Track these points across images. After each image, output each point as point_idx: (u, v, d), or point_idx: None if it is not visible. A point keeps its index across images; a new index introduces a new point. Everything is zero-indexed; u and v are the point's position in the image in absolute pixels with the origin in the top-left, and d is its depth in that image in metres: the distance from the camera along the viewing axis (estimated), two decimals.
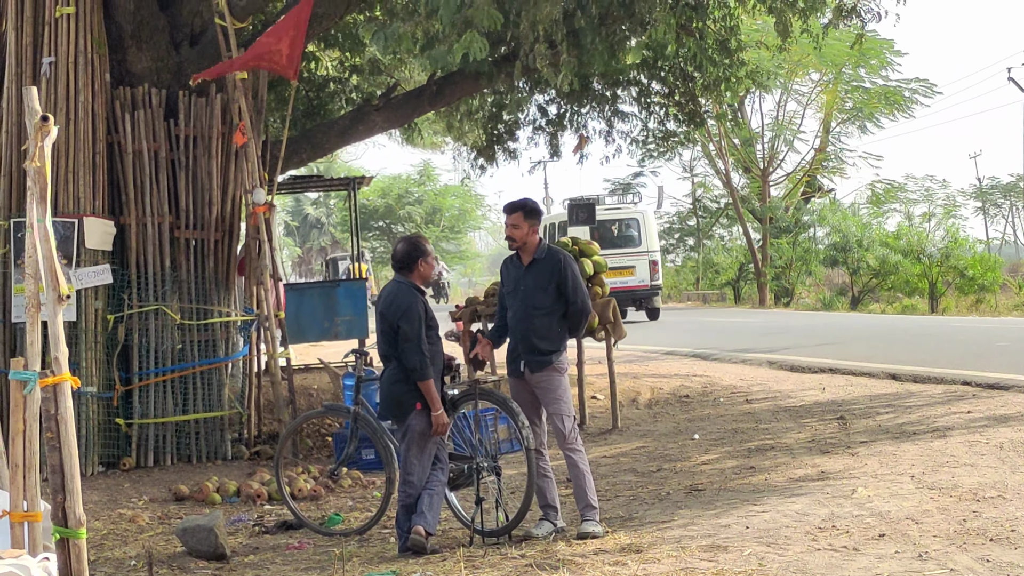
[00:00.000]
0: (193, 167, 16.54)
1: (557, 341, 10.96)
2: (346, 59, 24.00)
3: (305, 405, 18.05)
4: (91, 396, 15.58)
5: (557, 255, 11.06)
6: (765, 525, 10.08)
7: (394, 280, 10.89)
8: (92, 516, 12.64)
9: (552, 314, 10.94)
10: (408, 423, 10.58)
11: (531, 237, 11.04)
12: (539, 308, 10.91)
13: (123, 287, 16.06)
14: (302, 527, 12.11)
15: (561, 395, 10.94)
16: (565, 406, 10.94)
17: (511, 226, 11.04)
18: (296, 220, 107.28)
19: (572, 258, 11.23)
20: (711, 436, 15.75)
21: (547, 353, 10.89)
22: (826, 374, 21.13)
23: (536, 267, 11.01)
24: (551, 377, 10.91)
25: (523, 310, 10.97)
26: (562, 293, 10.93)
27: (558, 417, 10.89)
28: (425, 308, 10.65)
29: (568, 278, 10.93)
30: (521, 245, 11.04)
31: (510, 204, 11.23)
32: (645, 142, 25.77)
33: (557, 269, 10.93)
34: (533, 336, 10.90)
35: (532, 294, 10.95)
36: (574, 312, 11.00)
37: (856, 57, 52.83)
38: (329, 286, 22.67)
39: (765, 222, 59.47)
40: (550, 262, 10.99)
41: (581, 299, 11.00)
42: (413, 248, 10.86)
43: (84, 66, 15.84)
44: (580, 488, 10.83)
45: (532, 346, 10.90)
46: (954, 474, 11.54)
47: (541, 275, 10.96)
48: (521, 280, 11.06)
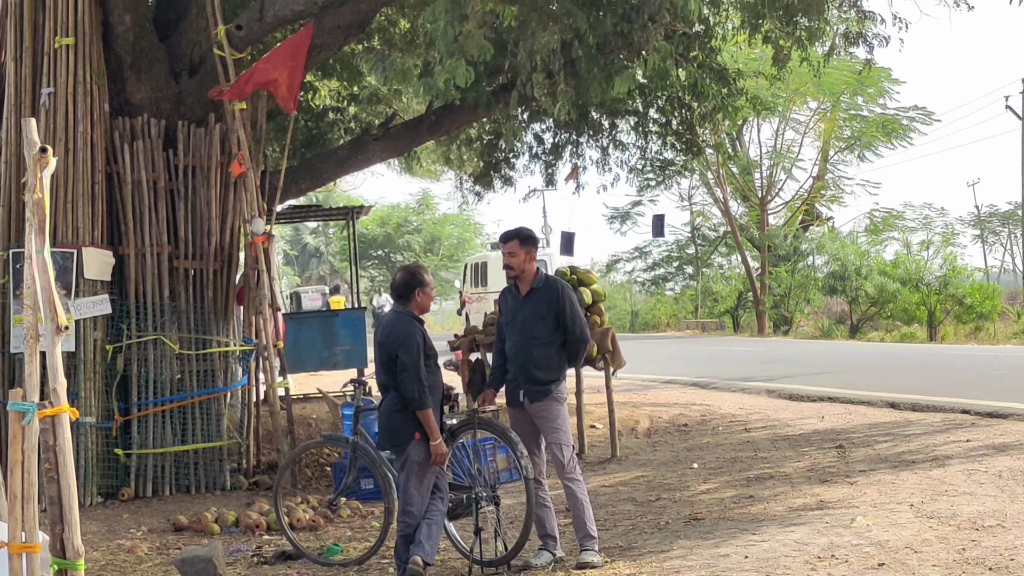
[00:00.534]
0: (192, 197, 16.56)
1: (556, 371, 10.96)
2: (344, 89, 24.04)
3: (304, 435, 18.04)
4: (90, 426, 15.56)
5: (555, 284, 11.06)
6: (764, 555, 10.07)
7: (393, 309, 10.88)
8: (91, 547, 12.62)
9: (551, 344, 10.93)
10: (407, 453, 10.52)
11: (528, 265, 11.04)
12: (537, 338, 10.90)
13: (122, 317, 16.06)
14: (301, 557, 12.08)
15: (560, 425, 10.93)
16: (564, 435, 10.93)
17: (508, 254, 11.04)
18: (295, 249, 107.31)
19: (570, 287, 11.23)
20: (710, 465, 15.74)
21: (546, 383, 10.88)
22: (825, 403, 21.13)
23: (534, 296, 11.01)
24: (550, 407, 10.90)
25: (522, 340, 10.96)
26: (560, 322, 10.92)
27: (557, 447, 10.88)
28: (424, 338, 10.58)
29: (566, 307, 10.92)
30: (519, 274, 11.04)
31: (505, 233, 11.23)
32: (643, 171, 25.79)
33: (555, 298, 10.93)
34: (532, 366, 10.89)
35: (530, 324, 10.94)
36: (572, 341, 10.99)
37: (854, 85, 52.92)
38: (328, 316, 22.68)
39: (764, 250, 59.51)
40: (548, 291, 10.98)
41: (580, 328, 10.99)
42: (411, 278, 10.81)
43: (83, 96, 15.87)
44: (579, 518, 10.81)
45: (531, 376, 10.89)
46: (953, 503, 11.53)
47: (539, 305, 10.95)
48: (519, 310, 11.05)
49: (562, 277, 16.09)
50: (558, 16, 15.45)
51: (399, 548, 10.57)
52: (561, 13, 15.50)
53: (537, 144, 24.59)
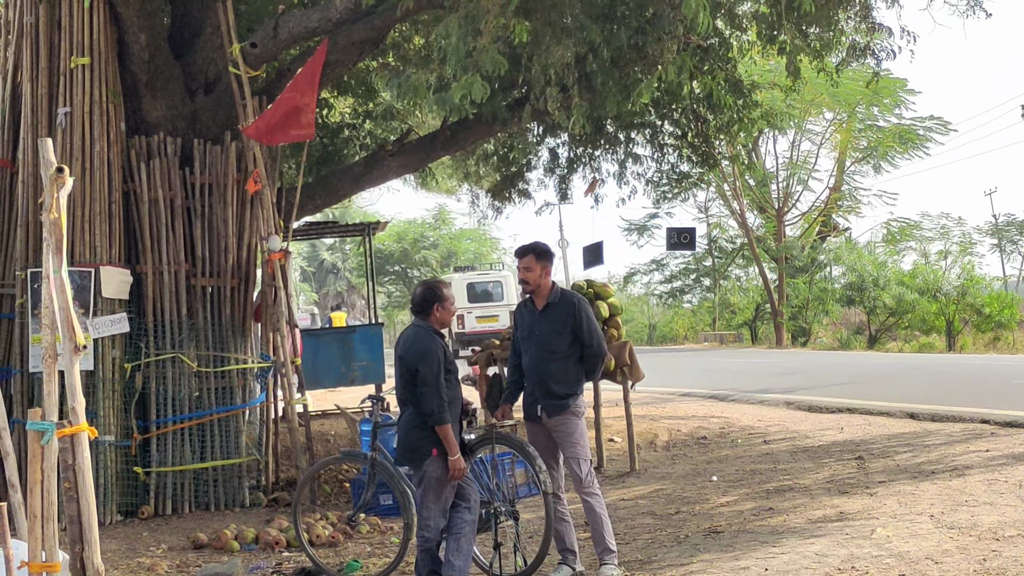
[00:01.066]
0: (209, 215, 16.59)
1: (574, 385, 10.95)
2: (360, 105, 24.07)
3: (322, 451, 18.04)
4: (109, 445, 15.59)
5: (571, 298, 11.05)
6: (784, 567, 10.05)
7: (413, 324, 10.85)
8: (111, 565, 12.63)
9: (568, 358, 10.93)
10: (424, 469, 10.49)
11: (544, 280, 11.04)
12: (555, 352, 10.90)
13: (140, 335, 16.10)
14: (320, 574, 12.08)
15: (578, 439, 10.92)
16: (582, 450, 10.92)
17: (524, 269, 11.04)
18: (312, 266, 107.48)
19: (586, 301, 11.23)
20: (729, 478, 15.71)
21: (564, 397, 10.88)
22: (844, 414, 21.09)
23: (550, 311, 11.00)
24: (568, 421, 10.89)
25: (539, 355, 10.96)
26: (577, 337, 10.92)
27: (575, 461, 10.87)
28: (444, 352, 10.55)
29: (583, 321, 10.92)
30: (535, 288, 11.03)
31: (521, 248, 11.23)
32: (659, 184, 25.77)
33: (572, 312, 10.92)
34: (550, 380, 10.89)
35: (547, 338, 10.93)
36: (590, 356, 10.98)
37: (870, 96, 52.87)
38: (345, 332, 22.68)
39: (781, 262, 59.44)
40: (564, 305, 10.98)
41: (597, 342, 10.98)
42: (429, 293, 10.78)
43: (99, 116, 15.92)
44: (598, 532, 10.80)
45: (548, 390, 10.89)
46: (973, 513, 11.50)
47: (556, 319, 10.95)
48: (536, 324, 11.05)
49: (579, 291, 16.10)
50: (572, 30, 15.45)
51: (419, 564, 10.56)
52: (575, 27, 15.50)
53: (552, 158, 24.59)
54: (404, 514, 11.96)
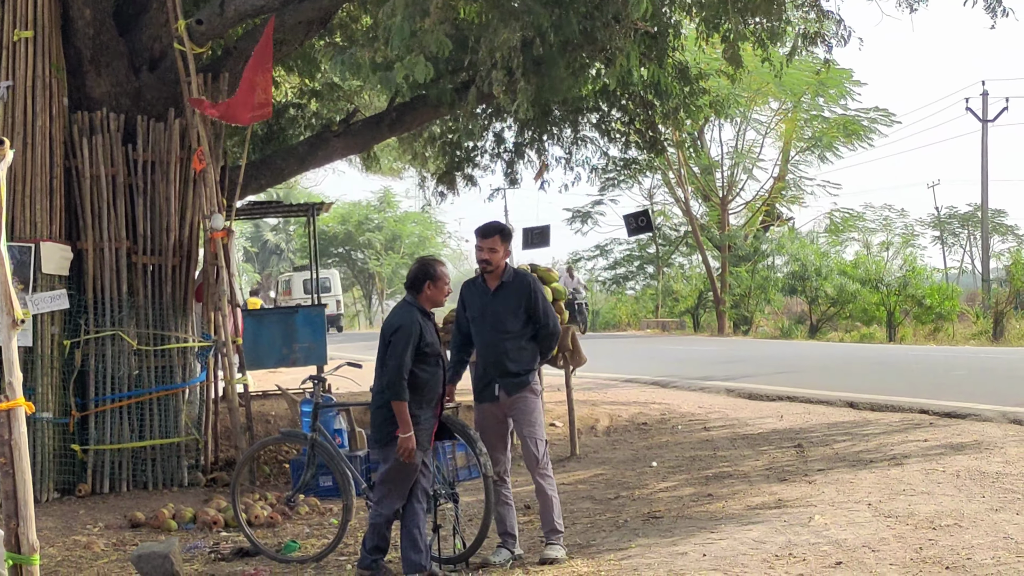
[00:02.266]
0: (151, 192, 16.47)
1: (530, 362, 10.95)
2: (305, 85, 23.98)
3: (262, 432, 17.98)
4: (47, 422, 15.50)
5: (526, 278, 11.03)
6: (722, 553, 10.08)
7: (403, 299, 10.71)
8: (46, 542, 12.55)
9: (522, 336, 10.92)
10: (390, 447, 10.32)
11: (503, 261, 11.01)
12: (509, 332, 10.88)
13: (80, 312, 15.98)
14: (258, 554, 12.04)
15: (536, 419, 10.93)
16: (539, 429, 10.92)
17: (489, 250, 10.93)
18: (255, 246, 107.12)
19: (538, 280, 11.23)
20: (669, 464, 15.76)
21: (522, 374, 10.87)
22: (784, 402, 21.18)
23: (504, 291, 10.97)
24: (527, 399, 10.89)
25: (493, 335, 10.93)
26: (531, 316, 10.90)
27: (532, 440, 10.86)
28: (422, 331, 10.36)
29: (539, 301, 10.92)
30: (494, 268, 10.99)
31: (485, 227, 11.10)
32: (605, 169, 25.80)
33: (526, 292, 10.91)
34: (505, 359, 10.86)
35: (501, 318, 10.90)
36: (546, 335, 10.98)
37: (815, 86, 53.05)
38: (288, 312, 22.60)
39: (724, 250, 59.61)
40: (518, 285, 10.95)
41: (552, 321, 10.99)
42: (420, 270, 10.64)
43: (42, 90, 15.78)
44: (547, 512, 10.81)
45: (506, 369, 10.86)
46: (911, 502, 11.57)
47: (510, 299, 10.92)
48: (489, 304, 11.01)
49: None
50: (519, 13, 15.43)
51: (367, 538, 10.49)
52: (523, 10, 15.48)
53: (498, 143, 24.55)
54: (343, 496, 11.94)
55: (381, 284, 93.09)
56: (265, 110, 16.42)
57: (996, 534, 10.05)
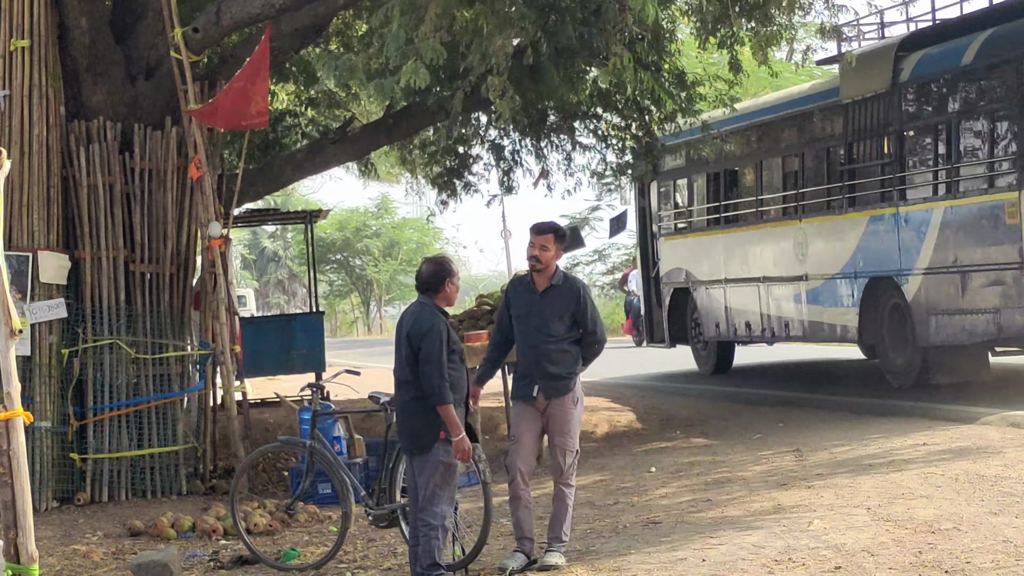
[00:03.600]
0: (148, 201, 16.45)
1: (573, 364, 10.94)
2: (302, 92, 23.97)
3: (261, 439, 17.95)
4: (45, 431, 15.49)
5: (575, 284, 11.05)
6: (721, 558, 10.09)
7: (417, 301, 10.60)
8: (45, 552, 12.53)
9: (565, 340, 10.89)
10: (432, 454, 10.22)
11: (553, 262, 10.99)
12: (553, 335, 10.85)
13: (78, 321, 15.97)
14: (258, 562, 12.05)
15: (570, 428, 10.89)
16: (571, 441, 10.88)
17: (540, 247, 10.91)
18: (253, 253, 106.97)
19: (587, 286, 11.23)
20: (668, 469, 15.75)
21: (564, 378, 10.87)
22: (783, 407, 21.14)
23: (552, 293, 10.94)
24: (564, 406, 10.87)
25: (537, 336, 10.90)
26: (576, 322, 10.89)
27: (560, 451, 10.86)
28: (448, 330, 10.29)
29: (588, 308, 10.91)
30: (543, 268, 10.97)
31: (540, 225, 11.14)
32: (602, 175, 25.76)
33: (575, 298, 10.88)
34: (547, 362, 10.84)
35: (547, 321, 10.87)
36: (592, 342, 10.98)
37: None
38: (286, 320, 22.64)
39: None
40: (567, 290, 10.93)
41: (600, 329, 11.01)
42: (440, 268, 10.56)
43: (39, 100, 15.76)
44: (558, 520, 10.83)
45: (546, 372, 10.85)
46: (910, 506, 11.57)
47: (558, 302, 10.90)
48: (535, 305, 10.97)
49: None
50: (515, 20, 15.41)
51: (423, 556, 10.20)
52: (518, 17, 15.47)
53: (495, 150, 24.50)
54: (342, 503, 11.94)
55: (379, 290, 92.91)
56: (262, 119, 16.42)
57: (995, 538, 10.05)
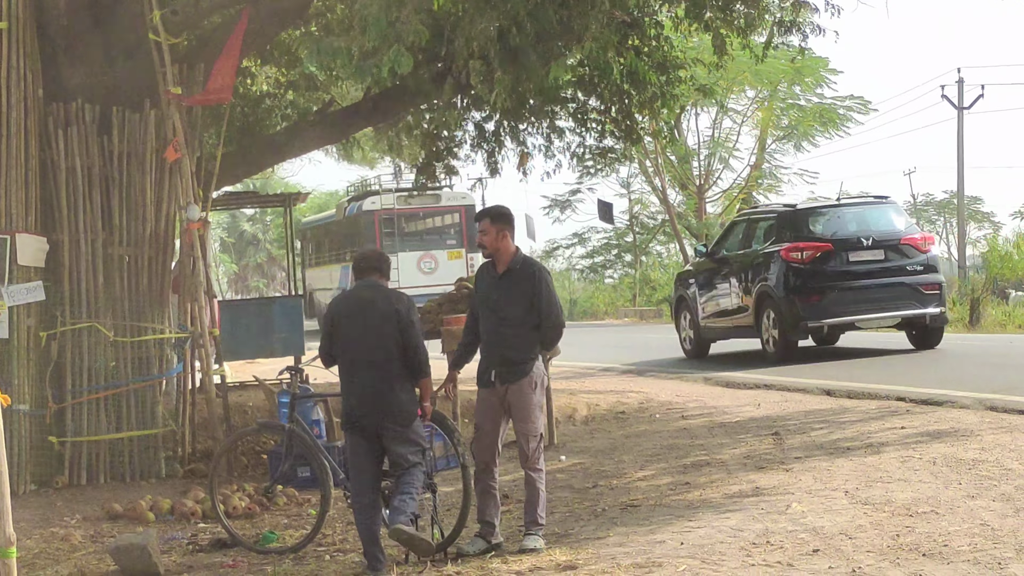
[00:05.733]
0: (127, 183, 16.41)
1: (530, 349, 10.91)
2: (282, 75, 23.93)
3: (240, 423, 17.91)
4: (23, 414, 15.45)
5: (532, 266, 11.02)
6: (700, 541, 10.11)
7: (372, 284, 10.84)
8: (23, 535, 12.50)
9: (523, 325, 10.86)
10: (412, 430, 10.58)
11: (502, 243, 10.96)
12: (509, 319, 10.85)
13: (56, 304, 15.94)
14: (236, 545, 12.03)
15: (530, 413, 10.87)
16: (532, 426, 10.87)
17: (480, 232, 11.03)
18: (232, 237, 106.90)
19: (547, 271, 11.20)
20: (647, 452, 15.77)
21: (520, 363, 10.85)
22: (761, 390, 21.17)
23: (510, 277, 10.94)
24: (523, 391, 10.85)
25: (495, 321, 10.93)
26: (535, 306, 10.87)
27: (523, 436, 10.86)
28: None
29: (543, 291, 10.86)
30: (493, 252, 10.99)
31: (479, 212, 11.34)
32: (582, 158, 25.77)
33: (532, 281, 10.86)
34: (504, 347, 10.86)
35: (504, 305, 10.88)
36: (548, 327, 10.94)
37: (792, 75, 53.11)
38: (265, 303, 22.60)
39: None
40: (524, 273, 10.92)
41: (556, 313, 10.94)
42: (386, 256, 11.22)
43: (16, 82, 15.70)
44: (532, 504, 10.83)
45: (504, 357, 10.86)
46: (887, 489, 11.61)
47: (515, 287, 10.89)
48: (494, 289, 11.01)
49: None
50: (496, 3, 15.40)
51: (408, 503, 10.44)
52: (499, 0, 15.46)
53: (478, 132, 24.50)
54: (322, 486, 11.94)
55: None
56: (223, 94, 16.38)
57: (973, 521, 10.10)
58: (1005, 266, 46.35)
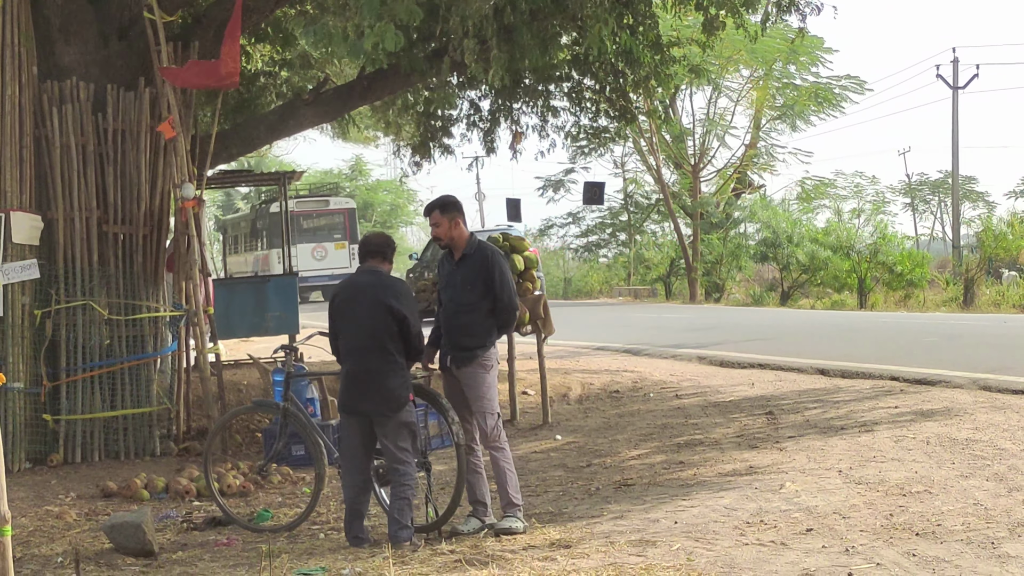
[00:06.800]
0: (121, 161, 16.40)
1: (482, 337, 10.96)
2: (277, 53, 23.88)
3: (234, 401, 17.95)
4: (18, 392, 15.45)
5: (485, 251, 11.07)
6: (693, 520, 10.14)
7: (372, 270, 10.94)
8: (18, 513, 12.54)
9: (478, 310, 10.93)
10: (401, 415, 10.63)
11: (455, 231, 11.04)
12: (465, 304, 10.94)
13: (51, 282, 15.94)
14: (231, 523, 12.05)
15: (484, 392, 10.93)
16: (488, 403, 10.93)
17: (433, 225, 11.11)
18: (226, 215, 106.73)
19: (501, 254, 11.21)
20: (641, 431, 15.79)
21: (471, 349, 10.91)
22: (755, 369, 21.20)
23: (465, 263, 11.02)
24: (476, 373, 10.92)
25: (451, 306, 11.03)
26: (489, 289, 10.92)
27: (480, 415, 10.90)
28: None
29: (495, 274, 10.92)
30: (448, 241, 11.06)
31: (427, 205, 11.33)
32: (576, 137, 25.74)
33: (485, 265, 10.93)
34: (458, 332, 10.96)
35: (460, 290, 10.97)
36: (501, 308, 10.99)
37: (787, 54, 53.09)
38: (260, 281, 22.55)
39: (696, 218, 59.64)
40: (478, 258, 10.99)
41: (507, 295, 10.97)
42: (391, 240, 11.23)
43: (11, 59, 15.69)
44: (502, 486, 10.85)
45: (457, 342, 10.96)
46: (881, 469, 11.63)
47: (470, 271, 10.97)
48: (452, 275, 11.10)
49: (495, 243, 16.07)
50: None
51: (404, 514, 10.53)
52: None
53: (474, 111, 24.47)
54: (316, 465, 11.95)
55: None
56: (232, 79, 16.34)
57: (966, 500, 10.12)
58: (1000, 246, 46.39)
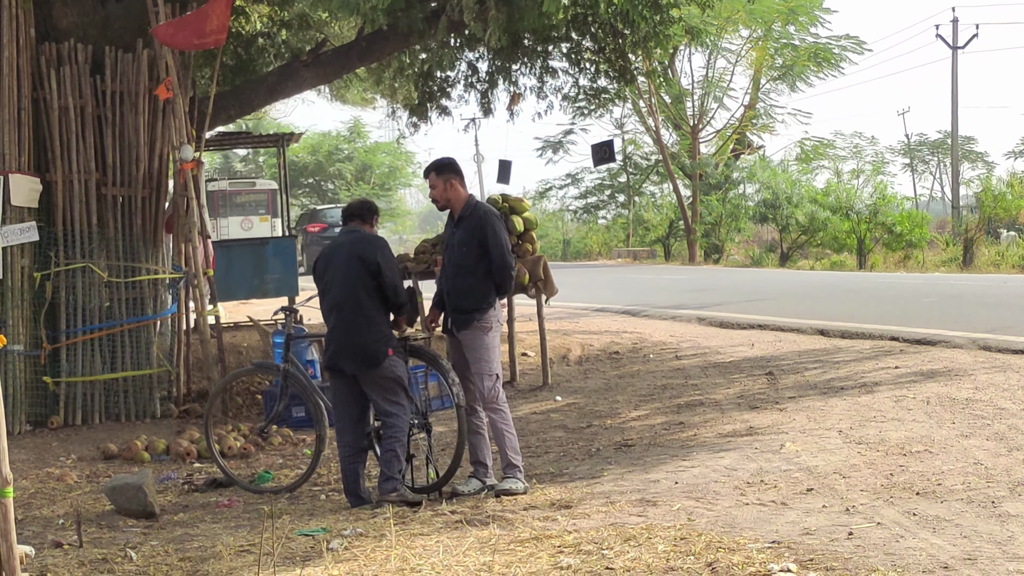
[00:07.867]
0: (120, 124, 16.36)
1: (480, 299, 10.95)
2: (275, 14, 23.80)
3: (235, 363, 17.96)
4: (18, 354, 15.46)
5: (479, 211, 11.06)
6: (694, 480, 10.15)
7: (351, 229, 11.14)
8: (19, 475, 12.56)
9: (475, 272, 10.93)
10: (383, 370, 10.71)
11: (452, 193, 11.05)
12: (462, 265, 10.94)
13: (50, 245, 15.92)
14: (232, 485, 12.08)
15: (483, 355, 10.93)
16: (487, 365, 10.92)
17: (430, 188, 11.14)
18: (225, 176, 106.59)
19: (496, 214, 11.18)
20: (641, 392, 15.80)
21: (469, 311, 10.91)
22: (755, 330, 21.21)
23: (463, 224, 11.03)
24: (475, 335, 10.92)
25: (451, 268, 11.04)
26: (485, 250, 10.92)
27: (479, 376, 10.90)
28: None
29: (488, 235, 10.90)
30: (445, 203, 11.06)
31: (425, 169, 11.34)
32: (575, 99, 25.69)
33: (479, 226, 10.93)
34: (456, 294, 10.96)
35: (458, 252, 10.98)
36: (495, 269, 10.98)
37: (786, 14, 52.97)
38: (259, 244, 22.55)
39: (695, 179, 59.61)
40: (474, 219, 10.99)
41: (499, 255, 10.94)
42: (372, 204, 11.46)
43: (8, 21, 15.63)
44: (501, 448, 10.86)
45: (456, 304, 10.97)
46: (881, 429, 11.64)
47: (466, 232, 10.98)
48: (451, 237, 11.12)
49: (494, 205, 16.03)
50: None
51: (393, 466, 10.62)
52: None
53: (472, 72, 24.41)
54: (316, 426, 11.96)
55: None
56: (218, 36, 16.23)
57: (966, 460, 10.13)
58: (999, 206, 46.35)
